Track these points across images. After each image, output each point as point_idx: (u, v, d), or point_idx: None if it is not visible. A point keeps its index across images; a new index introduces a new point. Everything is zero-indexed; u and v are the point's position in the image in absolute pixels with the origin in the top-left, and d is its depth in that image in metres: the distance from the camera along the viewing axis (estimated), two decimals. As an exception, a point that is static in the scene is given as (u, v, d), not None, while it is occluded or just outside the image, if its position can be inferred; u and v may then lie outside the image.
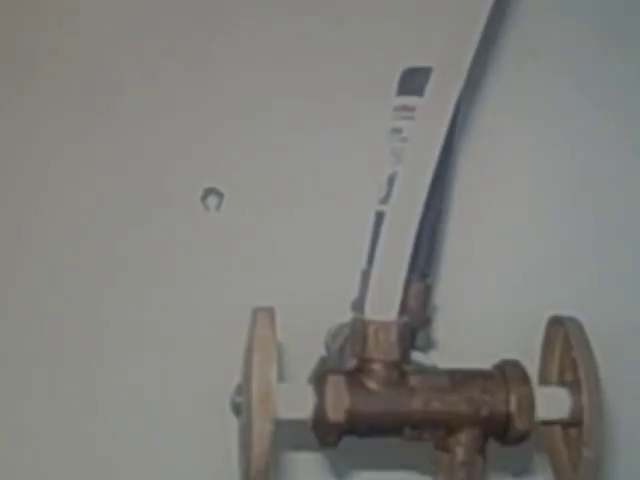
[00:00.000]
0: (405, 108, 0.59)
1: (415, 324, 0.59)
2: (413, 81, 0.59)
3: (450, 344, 0.66)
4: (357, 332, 0.54)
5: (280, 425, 0.50)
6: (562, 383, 0.56)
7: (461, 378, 0.54)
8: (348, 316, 0.57)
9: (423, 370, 0.56)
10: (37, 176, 0.70)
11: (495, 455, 0.55)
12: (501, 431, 0.54)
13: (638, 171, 0.72)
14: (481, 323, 0.69)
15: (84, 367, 0.68)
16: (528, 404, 0.53)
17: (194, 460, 0.67)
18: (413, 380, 0.54)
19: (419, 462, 0.58)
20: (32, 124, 0.70)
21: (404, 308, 0.55)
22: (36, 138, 0.70)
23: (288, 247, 0.69)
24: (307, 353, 0.57)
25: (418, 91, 0.55)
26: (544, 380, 0.58)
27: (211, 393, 0.61)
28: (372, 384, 0.53)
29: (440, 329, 0.65)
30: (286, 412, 0.51)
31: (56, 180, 0.70)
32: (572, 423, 0.54)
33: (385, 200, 0.57)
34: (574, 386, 0.54)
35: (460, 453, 0.53)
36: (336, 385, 0.52)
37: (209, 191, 0.70)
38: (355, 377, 0.53)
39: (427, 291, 0.60)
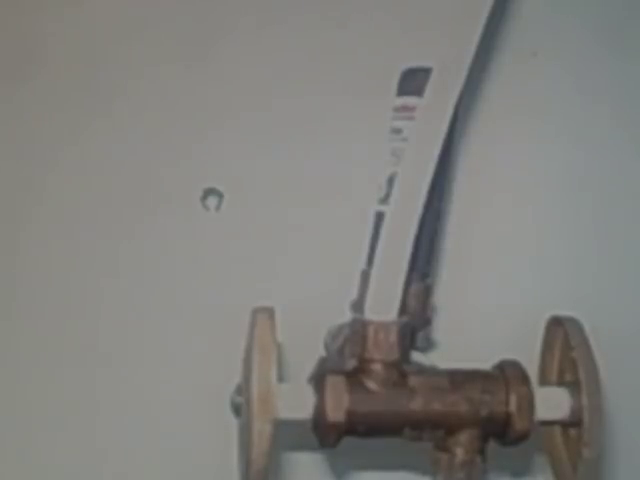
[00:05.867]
0: (405, 108, 0.59)
1: (415, 324, 0.58)
2: (413, 81, 0.59)
3: (450, 344, 0.66)
4: (357, 332, 0.54)
5: (280, 425, 0.50)
6: (562, 383, 0.56)
7: (461, 378, 0.54)
8: (348, 316, 0.57)
9: (423, 370, 0.56)
10: (37, 176, 0.70)
11: (495, 455, 0.55)
12: (501, 431, 0.54)
13: (638, 171, 0.72)
14: (481, 323, 0.69)
15: (84, 367, 0.68)
16: (528, 404, 0.53)
17: (194, 460, 0.67)
18: (413, 380, 0.53)
19: (419, 462, 0.57)
20: (32, 124, 0.70)
21: (404, 308, 0.55)
22: (36, 138, 0.70)
23: (288, 247, 0.69)
24: (307, 353, 0.57)
25: (418, 91, 0.55)
26: (544, 380, 0.58)
27: (211, 393, 0.61)
28: (372, 384, 0.53)
29: (440, 329, 0.65)
30: (286, 412, 0.51)
31: (56, 180, 0.70)
32: (572, 423, 0.54)
33: (385, 200, 0.57)
34: (574, 386, 0.54)
35: (460, 453, 0.53)
36: (336, 385, 0.52)
37: (209, 191, 0.70)
38: (355, 377, 0.53)
39: (427, 291, 0.59)
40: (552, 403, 0.54)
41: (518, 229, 0.71)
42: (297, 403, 0.52)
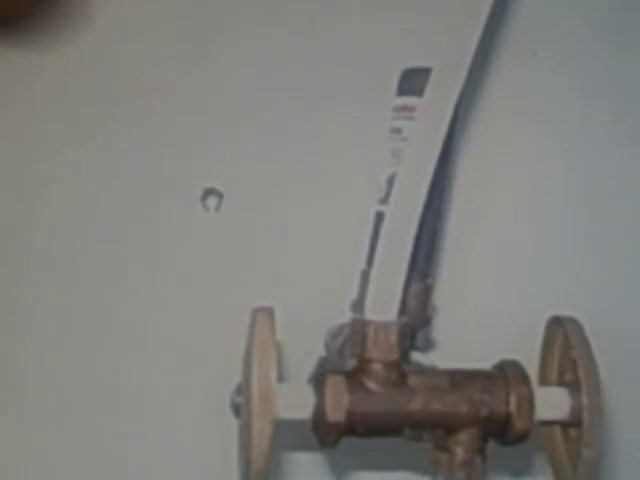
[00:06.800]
0: (405, 108, 0.59)
1: (415, 324, 0.59)
2: (413, 81, 0.59)
3: (450, 344, 0.66)
4: (357, 332, 0.54)
5: (280, 425, 0.50)
6: (562, 383, 0.56)
7: (461, 378, 0.54)
8: (348, 316, 0.57)
9: (423, 370, 0.56)
10: (37, 176, 0.70)
11: (495, 455, 0.55)
12: (501, 431, 0.54)
13: (638, 171, 0.72)
14: (481, 323, 0.69)
15: (83, 367, 0.68)
16: (528, 404, 0.53)
17: (194, 460, 0.67)
18: (413, 380, 0.54)
19: (419, 462, 0.58)
20: (32, 124, 0.70)
21: (404, 308, 0.55)
22: (36, 138, 0.70)
23: (288, 247, 0.69)
24: (307, 353, 0.57)
25: (418, 91, 0.55)
26: (544, 380, 0.58)
27: (211, 393, 0.61)
28: (372, 384, 0.53)
29: (440, 329, 0.65)
30: (286, 412, 0.51)
31: (56, 180, 0.70)
32: (572, 423, 0.54)
33: (385, 200, 0.57)
34: (574, 386, 0.54)
35: (459, 453, 0.53)
36: (336, 385, 0.52)
37: (209, 191, 0.70)
38: (355, 377, 0.53)
39: (427, 291, 0.60)
40: (552, 403, 0.54)
41: (518, 229, 0.71)
42: (297, 403, 0.52)
